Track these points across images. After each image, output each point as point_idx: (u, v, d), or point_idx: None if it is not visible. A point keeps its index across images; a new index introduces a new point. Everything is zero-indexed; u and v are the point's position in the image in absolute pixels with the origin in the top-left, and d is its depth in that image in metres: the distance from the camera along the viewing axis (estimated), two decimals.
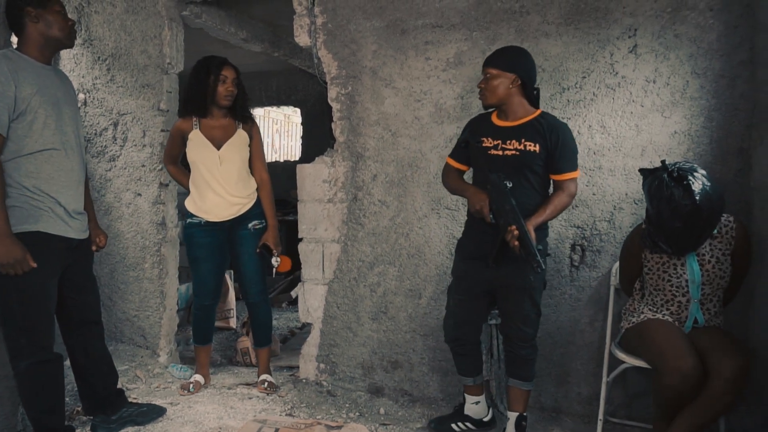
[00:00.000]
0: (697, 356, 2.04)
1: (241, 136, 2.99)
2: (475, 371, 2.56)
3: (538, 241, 2.16)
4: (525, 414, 2.43)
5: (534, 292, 2.32)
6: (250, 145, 3.03)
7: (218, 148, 2.93)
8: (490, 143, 2.31)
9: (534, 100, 2.34)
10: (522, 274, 2.25)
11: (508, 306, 2.38)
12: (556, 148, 2.23)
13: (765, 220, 2.30)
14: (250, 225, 3.01)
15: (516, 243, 2.08)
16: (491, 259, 2.26)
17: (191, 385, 3.03)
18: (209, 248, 3.00)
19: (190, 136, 2.95)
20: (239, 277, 3.10)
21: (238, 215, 2.99)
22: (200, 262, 3.01)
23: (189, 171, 3.07)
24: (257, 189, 3.06)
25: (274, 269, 3.03)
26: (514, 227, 2.08)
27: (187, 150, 2.98)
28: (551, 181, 2.33)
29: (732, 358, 2.01)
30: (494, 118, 2.38)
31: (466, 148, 2.42)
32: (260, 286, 3.08)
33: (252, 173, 3.06)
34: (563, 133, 2.25)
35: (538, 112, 2.32)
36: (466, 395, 2.61)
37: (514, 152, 2.26)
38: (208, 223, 2.97)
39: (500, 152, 2.28)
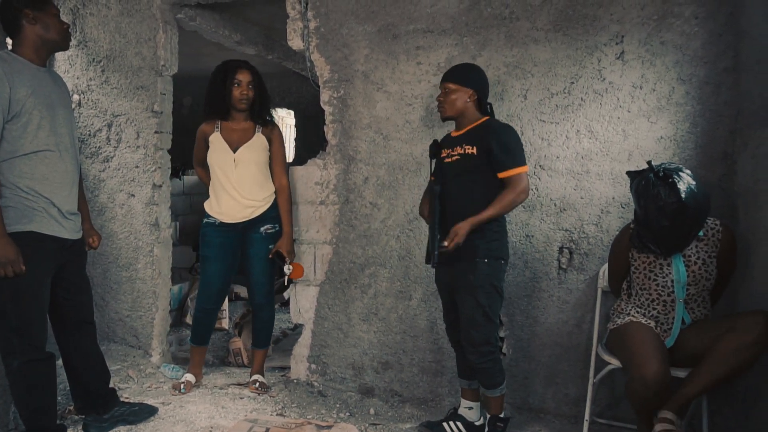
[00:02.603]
0: (663, 364, 2.04)
1: (259, 139, 3.00)
2: (470, 375, 2.58)
3: (478, 240, 2.31)
4: (501, 415, 2.47)
5: (477, 293, 2.35)
6: (270, 150, 3.05)
7: (234, 151, 2.96)
8: (446, 153, 2.50)
9: (487, 113, 2.49)
10: (463, 274, 2.38)
11: (459, 307, 2.45)
12: (493, 147, 2.33)
13: (749, 224, 2.34)
14: (262, 229, 3.02)
15: (450, 244, 2.26)
16: (430, 260, 2.40)
17: (182, 385, 3.05)
18: (220, 248, 3.02)
19: (211, 138, 2.99)
20: (247, 278, 3.11)
21: (251, 218, 3.00)
22: (209, 261, 3.03)
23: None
24: (275, 194, 3.07)
25: (287, 276, 3.03)
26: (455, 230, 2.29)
27: (208, 152, 3.02)
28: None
29: (761, 315, 2.00)
30: (452, 132, 2.55)
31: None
32: (266, 287, 3.10)
33: (272, 178, 3.07)
34: (499, 133, 2.36)
35: (485, 118, 2.46)
36: (462, 399, 2.64)
37: (456, 157, 2.43)
38: (222, 224, 3.00)
39: (450, 159, 2.47)
